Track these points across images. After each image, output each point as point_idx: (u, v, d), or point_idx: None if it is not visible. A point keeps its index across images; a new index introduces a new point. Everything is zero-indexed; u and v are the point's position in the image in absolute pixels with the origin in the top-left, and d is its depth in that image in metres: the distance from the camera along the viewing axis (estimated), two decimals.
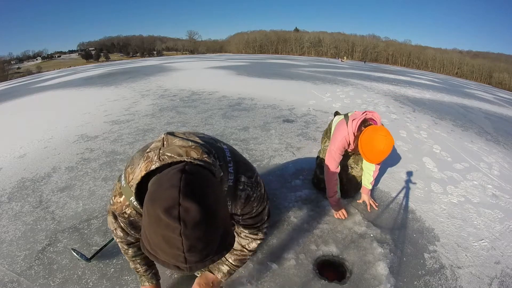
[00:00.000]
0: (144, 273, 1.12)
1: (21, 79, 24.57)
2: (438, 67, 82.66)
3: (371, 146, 1.47)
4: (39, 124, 4.11)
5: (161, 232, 0.53)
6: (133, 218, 0.89)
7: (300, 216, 1.78)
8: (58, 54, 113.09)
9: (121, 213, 0.89)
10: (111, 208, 0.92)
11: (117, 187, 0.89)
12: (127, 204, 0.86)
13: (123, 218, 0.90)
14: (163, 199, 0.54)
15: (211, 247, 0.58)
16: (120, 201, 0.88)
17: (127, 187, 0.84)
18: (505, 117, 6.28)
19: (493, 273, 1.47)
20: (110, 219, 1.00)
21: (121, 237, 1.02)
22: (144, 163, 0.71)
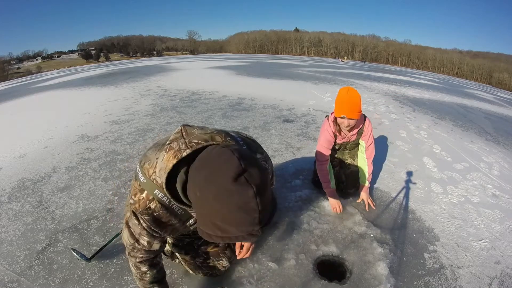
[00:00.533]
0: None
1: (21, 79, 24.58)
2: (438, 67, 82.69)
3: (339, 100, 1.65)
4: (39, 124, 4.11)
5: (236, 202, 0.55)
6: (157, 213, 0.86)
7: (300, 216, 1.78)
8: (58, 54, 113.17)
9: (145, 209, 0.86)
10: (132, 208, 0.88)
11: (135, 185, 0.88)
12: (151, 198, 0.85)
13: (147, 215, 0.86)
14: (226, 172, 0.56)
15: (271, 206, 0.63)
16: (143, 197, 0.86)
17: (148, 182, 0.84)
18: (505, 117, 6.28)
19: (493, 273, 1.47)
20: (131, 225, 0.91)
21: (144, 246, 0.94)
22: (171, 153, 0.74)
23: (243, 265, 1.38)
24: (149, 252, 0.97)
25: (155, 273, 1.01)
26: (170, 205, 0.86)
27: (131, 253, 0.97)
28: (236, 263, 1.36)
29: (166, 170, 0.74)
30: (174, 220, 0.91)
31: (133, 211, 0.88)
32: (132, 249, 0.96)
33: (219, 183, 0.56)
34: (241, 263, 1.38)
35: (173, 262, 1.37)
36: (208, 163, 0.61)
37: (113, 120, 3.99)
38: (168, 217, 0.89)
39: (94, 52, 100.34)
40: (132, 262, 0.98)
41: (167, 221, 0.90)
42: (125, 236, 0.95)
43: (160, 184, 0.80)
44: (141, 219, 0.87)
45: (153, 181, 0.83)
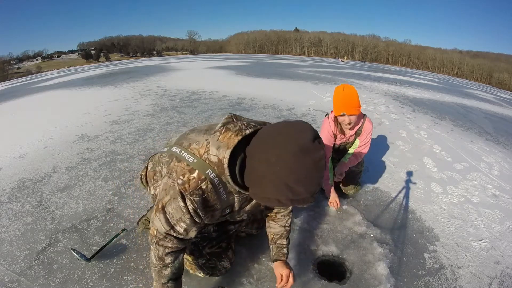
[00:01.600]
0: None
1: (21, 79, 24.58)
2: (438, 67, 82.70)
3: (336, 98, 1.66)
4: (39, 124, 4.11)
5: (312, 159, 0.66)
6: (206, 195, 0.84)
7: (300, 216, 1.78)
8: (58, 54, 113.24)
9: (196, 189, 0.82)
10: (181, 188, 0.83)
11: (182, 166, 0.85)
12: (202, 178, 0.82)
13: (197, 196, 0.83)
14: (306, 135, 0.66)
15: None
16: (194, 176, 0.82)
17: (200, 162, 0.83)
18: (505, 117, 6.28)
19: (493, 273, 1.47)
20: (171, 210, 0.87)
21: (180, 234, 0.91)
22: (230, 133, 0.81)
23: (243, 265, 1.38)
24: (182, 242, 0.95)
25: (176, 268, 0.99)
26: (219, 188, 0.86)
27: (161, 242, 0.93)
28: (236, 263, 1.36)
29: (229, 147, 0.79)
30: (218, 205, 0.90)
31: (181, 192, 0.83)
32: (164, 238, 0.92)
33: (301, 142, 0.65)
34: (241, 263, 1.38)
35: None
36: (284, 130, 0.69)
37: (113, 120, 3.99)
38: (215, 200, 0.88)
39: (94, 52, 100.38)
40: (158, 252, 0.94)
41: (213, 204, 0.88)
42: (158, 223, 0.91)
43: (215, 163, 0.82)
44: (189, 201, 0.84)
45: (205, 160, 0.83)
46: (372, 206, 1.98)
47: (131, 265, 1.38)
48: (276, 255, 1.19)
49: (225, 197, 0.90)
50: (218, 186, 0.86)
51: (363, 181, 2.29)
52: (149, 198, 1.93)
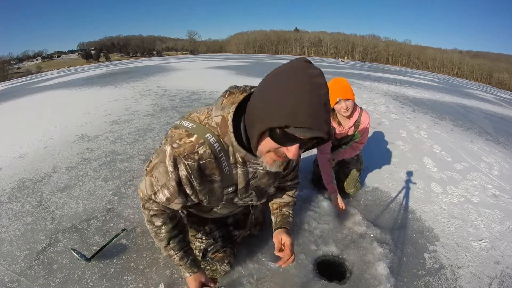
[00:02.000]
0: (180, 261, 0.97)
1: (21, 79, 24.58)
2: (438, 67, 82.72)
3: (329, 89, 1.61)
4: (39, 124, 4.11)
5: (313, 82, 0.59)
6: (204, 161, 0.78)
7: (300, 216, 1.78)
8: (58, 54, 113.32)
9: (192, 153, 0.76)
10: (175, 152, 0.76)
11: (180, 132, 0.79)
12: (201, 142, 0.77)
13: (192, 160, 0.76)
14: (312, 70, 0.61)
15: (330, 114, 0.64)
16: (191, 140, 0.77)
17: (199, 126, 0.78)
18: (505, 117, 6.28)
19: (493, 273, 1.47)
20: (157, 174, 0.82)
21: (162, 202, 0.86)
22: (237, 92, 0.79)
23: (243, 265, 1.38)
24: (165, 208, 0.90)
25: (170, 228, 0.93)
26: (220, 156, 0.79)
27: (146, 204, 0.90)
28: (236, 263, 1.36)
29: (235, 102, 0.75)
30: (216, 176, 0.83)
31: (174, 156, 0.77)
32: (147, 201, 0.90)
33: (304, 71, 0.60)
34: (241, 263, 1.38)
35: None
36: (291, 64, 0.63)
37: (113, 120, 3.99)
38: (214, 169, 0.81)
39: (94, 52, 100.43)
40: (145, 215, 0.92)
41: (211, 174, 0.82)
42: (143, 186, 0.88)
43: (217, 124, 0.77)
44: (182, 165, 0.77)
45: (205, 125, 0.79)
46: (372, 206, 1.98)
47: (131, 265, 1.38)
48: (281, 222, 1.08)
49: (226, 169, 0.83)
50: (219, 153, 0.79)
51: (363, 181, 2.29)
52: None
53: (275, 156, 0.70)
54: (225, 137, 0.78)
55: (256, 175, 0.92)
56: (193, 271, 0.98)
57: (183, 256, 0.97)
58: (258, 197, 1.03)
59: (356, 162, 2.00)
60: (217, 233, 1.27)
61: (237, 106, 0.75)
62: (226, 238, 1.29)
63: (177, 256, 0.96)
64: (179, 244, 0.97)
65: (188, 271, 0.98)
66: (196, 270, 0.99)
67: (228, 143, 0.79)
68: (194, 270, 0.99)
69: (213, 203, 0.96)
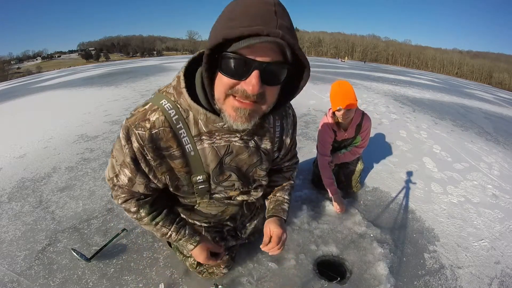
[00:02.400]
0: (177, 235, 0.89)
1: (21, 79, 24.56)
2: (438, 67, 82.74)
3: (332, 94, 1.68)
4: (39, 124, 4.11)
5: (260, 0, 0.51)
6: (156, 130, 0.69)
7: (300, 216, 1.78)
8: (58, 54, 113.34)
9: (143, 120, 0.69)
10: (127, 123, 0.70)
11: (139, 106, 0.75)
12: (154, 108, 0.70)
13: (142, 129, 0.68)
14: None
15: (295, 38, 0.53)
16: (145, 108, 0.71)
17: (157, 95, 0.72)
18: (505, 117, 6.28)
19: (493, 273, 1.47)
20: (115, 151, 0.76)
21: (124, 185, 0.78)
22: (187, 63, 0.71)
23: (243, 265, 1.38)
24: (132, 192, 0.81)
25: (149, 209, 0.85)
26: (177, 125, 0.69)
27: (113, 192, 0.84)
28: (236, 263, 1.36)
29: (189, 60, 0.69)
30: (175, 151, 0.72)
31: (126, 127, 0.70)
32: (113, 187, 0.82)
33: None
34: (241, 263, 1.38)
35: (176, 258, 1.37)
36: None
37: (113, 120, 3.99)
38: (169, 141, 0.71)
39: (94, 52, 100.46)
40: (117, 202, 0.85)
41: (166, 147, 0.71)
42: (107, 170, 0.82)
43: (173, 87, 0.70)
44: (134, 136, 0.69)
45: (163, 93, 0.72)
46: (372, 206, 1.98)
47: (131, 265, 1.38)
48: (274, 209, 0.96)
49: (189, 146, 0.72)
50: (176, 122, 0.69)
51: (363, 181, 2.29)
52: None
53: (236, 102, 0.58)
54: (180, 99, 0.69)
55: (231, 150, 0.77)
56: (195, 240, 0.90)
57: (178, 228, 0.89)
58: (242, 182, 0.86)
59: (356, 163, 2.01)
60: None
61: (191, 60, 0.68)
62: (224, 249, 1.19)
63: (171, 231, 0.88)
64: (168, 219, 0.88)
65: (190, 242, 0.90)
66: (199, 239, 0.91)
67: (185, 107, 0.69)
68: (196, 238, 0.90)
69: (185, 195, 0.86)
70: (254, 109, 0.60)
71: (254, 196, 0.97)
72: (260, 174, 0.89)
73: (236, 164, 0.81)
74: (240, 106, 0.58)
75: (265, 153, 0.85)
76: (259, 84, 0.54)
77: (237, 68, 0.53)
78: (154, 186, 0.82)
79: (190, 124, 0.71)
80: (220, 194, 0.90)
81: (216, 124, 0.68)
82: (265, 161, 0.86)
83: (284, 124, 0.89)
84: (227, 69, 0.54)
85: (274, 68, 0.54)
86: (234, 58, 0.52)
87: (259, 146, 0.82)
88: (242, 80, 0.55)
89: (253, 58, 0.52)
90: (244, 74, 0.54)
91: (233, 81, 0.56)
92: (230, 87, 0.57)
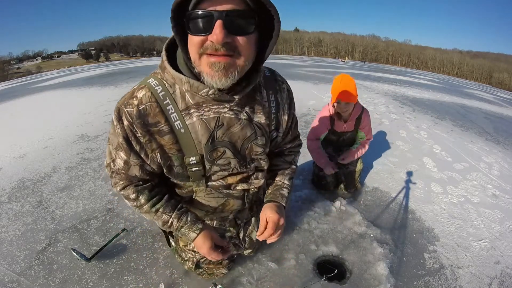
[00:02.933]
0: (179, 222, 0.85)
1: (21, 79, 24.56)
2: (438, 67, 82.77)
3: (334, 87, 1.72)
4: (39, 124, 4.11)
5: None
6: (144, 106, 0.70)
7: (300, 216, 1.78)
8: (58, 54, 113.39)
9: (130, 98, 0.71)
10: (117, 105, 0.73)
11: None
12: (141, 86, 0.72)
13: (131, 106, 0.70)
14: None
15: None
16: (134, 88, 0.74)
17: (145, 77, 0.75)
18: (505, 117, 6.27)
19: (493, 273, 1.47)
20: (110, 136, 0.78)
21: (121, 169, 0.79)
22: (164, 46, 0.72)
23: (243, 265, 1.38)
24: (129, 177, 0.81)
25: (148, 194, 0.84)
26: (164, 100, 0.70)
27: (112, 180, 0.84)
28: (236, 263, 1.36)
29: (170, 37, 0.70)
30: (163, 126, 0.72)
31: (117, 108, 0.72)
32: (111, 174, 0.83)
33: None
34: (241, 263, 1.38)
35: (175, 259, 1.37)
36: None
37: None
38: (157, 116, 0.71)
39: (94, 52, 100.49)
40: (118, 192, 0.86)
41: (155, 122, 0.71)
42: (106, 157, 0.83)
43: (159, 71, 0.73)
44: (124, 115, 0.70)
45: (151, 74, 0.75)
46: (372, 206, 1.98)
47: (131, 265, 1.38)
48: (272, 194, 0.92)
49: (175, 116, 0.71)
50: (163, 98, 0.70)
51: (363, 181, 2.29)
52: None
53: (210, 58, 0.58)
54: (165, 74, 0.71)
55: (221, 122, 0.74)
56: (197, 227, 0.85)
57: (179, 215, 0.85)
58: (238, 159, 0.82)
59: (356, 162, 2.01)
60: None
61: (172, 37, 0.70)
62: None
63: (172, 218, 0.84)
64: (168, 205, 0.85)
65: (192, 229, 0.84)
66: (202, 226, 0.86)
67: (171, 82, 0.71)
68: (199, 226, 0.85)
69: (180, 178, 0.84)
70: (230, 62, 0.60)
71: (255, 185, 0.93)
72: (257, 151, 0.84)
73: (229, 139, 0.77)
74: (215, 61, 0.58)
75: (259, 127, 0.81)
76: (223, 32, 0.54)
77: (200, 24, 0.55)
78: (149, 169, 0.81)
79: (177, 98, 0.71)
80: (218, 182, 0.87)
81: (201, 92, 0.68)
82: (260, 136, 0.82)
83: (279, 98, 0.86)
84: (193, 28, 0.56)
85: (236, 15, 0.55)
86: (195, 15, 0.54)
87: (251, 118, 0.79)
88: (209, 35, 0.55)
89: (213, 9, 0.53)
90: (208, 28, 0.54)
91: (201, 37, 0.57)
92: (200, 45, 0.58)
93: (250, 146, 0.82)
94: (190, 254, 1.17)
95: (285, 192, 0.93)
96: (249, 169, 0.88)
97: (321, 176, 2.03)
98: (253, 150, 0.84)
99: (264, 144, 0.85)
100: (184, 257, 1.22)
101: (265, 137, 0.84)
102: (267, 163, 0.90)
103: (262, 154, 0.86)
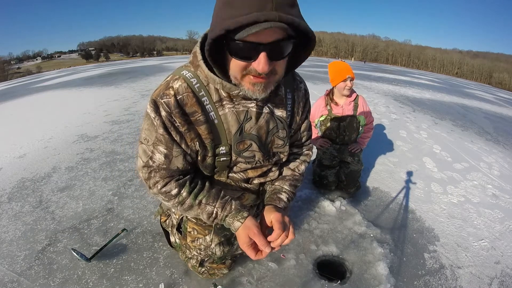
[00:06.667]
0: (223, 212, 0.81)
1: (21, 79, 24.56)
2: (438, 67, 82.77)
3: (335, 69, 1.99)
4: (39, 124, 4.11)
5: None
6: (181, 96, 0.73)
7: (300, 216, 1.78)
8: (58, 54, 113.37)
9: (166, 89, 0.73)
10: (152, 97, 0.74)
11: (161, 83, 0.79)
12: (176, 77, 0.75)
13: (168, 97, 0.72)
14: None
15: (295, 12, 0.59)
16: (167, 80, 0.76)
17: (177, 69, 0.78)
18: (505, 117, 6.28)
19: (493, 273, 1.47)
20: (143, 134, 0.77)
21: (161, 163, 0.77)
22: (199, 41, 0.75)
23: (243, 265, 1.38)
24: (170, 171, 0.79)
25: (189, 187, 0.81)
26: (199, 92, 0.74)
27: (151, 180, 0.79)
28: (236, 263, 1.36)
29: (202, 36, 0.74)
30: (200, 116, 0.75)
31: (153, 101, 0.73)
32: (149, 174, 0.79)
33: None
34: (241, 263, 1.38)
35: (177, 256, 1.37)
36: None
37: (113, 120, 3.99)
38: (193, 106, 0.74)
39: (94, 52, 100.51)
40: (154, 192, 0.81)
41: (192, 112, 0.74)
42: (138, 160, 0.80)
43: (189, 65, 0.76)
44: (161, 106, 0.72)
45: (182, 67, 0.78)
46: (372, 206, 1.98)
47: (131, 265, 1.38)
48: (269, 198, 0.91)
49: (209, 107, 0.76)
50: (199, 90, 0.75)
51: (363, 181, 2.29)
52: (150, 198, 1.93)
53: (252, 78, 0.65)
54: (198, 71, 0.75)
55: (250, 116, 0.79)
56: (242, 216, 0.79)
57: (223, 204, 0.81)
58: (262, 153, 0.85)
59: (357, 163, 2.01)
60: (217, 248, 1.05)
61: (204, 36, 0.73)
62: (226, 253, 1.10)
63: (216, 208, 0.80)
64: (211, 194, 0.82)
65: (237, 218, 0.78)
66: (247, 214, 0.80)
67: (203, 78, 0.75)
68: (244, 214, 0.79)
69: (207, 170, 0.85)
70: (268, 81, 0.68)
71: (271, 177, 0.97)
72: (278, 144, 0.88)
73: (257, 132, 0.82)
74: (256, 81, 0.66)
75: (280, 121, 0.86)
76: (267, 63, 0.60)
77: (246, 53, 0.61)
78: (189, 159, 0.81)
79: (211, 91, 0.76)
80: (239, 174, 0.90)
81: (233, 93, 0.74)
82: (281, 129, 0.86)
83: (296, 96, 0.91)
84: (239, 54, 0.61)
85: (279, 46, 0.60)
86: (241, 45, 0.59)
87: (273, 112, 0.84)
88: (253, 62, 0.62)
89: (258, 42, 0.58)
90: (253, 56, 0.60)
91: (245, 63, 0.63)
92: (244, 68, 0.64)
93: (273, 139, 0.87)
94: (196, 252, 1.12)
95: (283, 196, 0.91)
96: (271, 163, 0.92)
97: (322, 175, 2.04)
98: (274, 143, 0.88)
99: (285, 137, 0.89)
100: (188, 254, 1.21)
101: (286, 130, 0.89)
102: (286, 155, 0.94)
103: (282, 147, 0.90)
